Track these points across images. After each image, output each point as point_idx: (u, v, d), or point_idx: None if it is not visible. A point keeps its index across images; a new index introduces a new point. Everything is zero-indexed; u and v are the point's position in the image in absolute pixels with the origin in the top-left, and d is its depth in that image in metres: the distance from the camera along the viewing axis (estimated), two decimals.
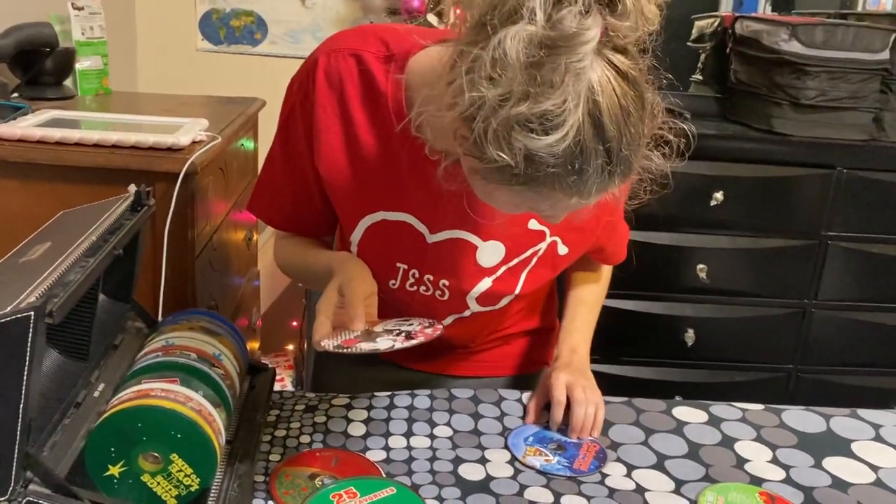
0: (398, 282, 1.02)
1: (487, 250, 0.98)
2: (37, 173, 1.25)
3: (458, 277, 0.99)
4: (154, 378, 0.81)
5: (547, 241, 0.99)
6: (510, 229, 0.97)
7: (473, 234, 0.97)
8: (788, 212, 2.01)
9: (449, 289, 1.01)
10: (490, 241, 0.97)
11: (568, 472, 0.91)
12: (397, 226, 0.98)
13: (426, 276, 1.00)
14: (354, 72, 0.92)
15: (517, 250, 0.98)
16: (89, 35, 1.74)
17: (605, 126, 0.69)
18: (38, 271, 0.74)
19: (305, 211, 1.04)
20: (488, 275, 0.99)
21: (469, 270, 0.99)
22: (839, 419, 1.04)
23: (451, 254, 0.98)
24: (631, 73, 0.71)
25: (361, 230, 0.99)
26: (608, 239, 1.09)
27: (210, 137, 1.35)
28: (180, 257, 1.30)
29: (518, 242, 0.98)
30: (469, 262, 0.98)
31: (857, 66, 1.92)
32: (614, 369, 2.12)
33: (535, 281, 1.02)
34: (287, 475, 0.88)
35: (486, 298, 1.02)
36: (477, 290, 1.00)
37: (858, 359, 2.14)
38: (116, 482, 0.76)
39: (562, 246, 1.00)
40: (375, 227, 0.99)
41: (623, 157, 0.71)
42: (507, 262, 0.99)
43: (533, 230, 0.97)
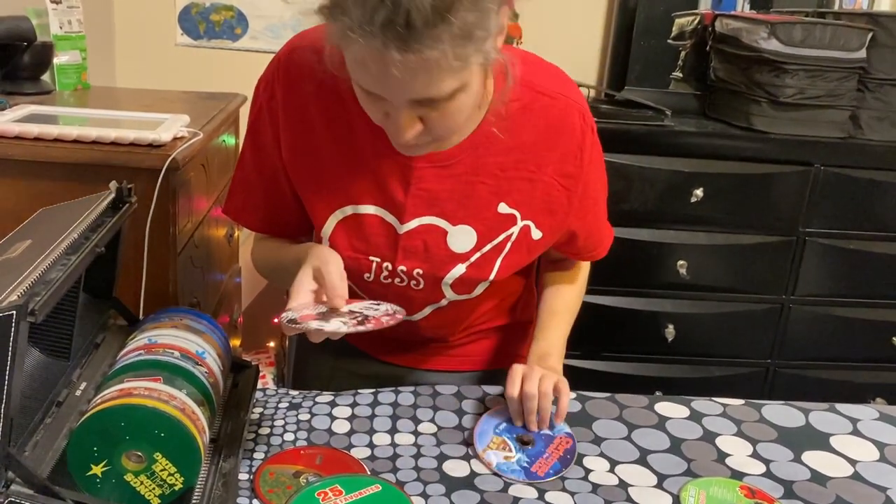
0: (372, 275, 1.02)
1: (458, 235, 0.98)
2: (15, 169, 1.23)
3: (432, 264, 0.99)
4: (137, 376, 0.80)
5: (519, 224, 0.99)
6: (480, 213, 0.97)
7: (442, 219, 0.97)
8: (767, 208, 2.03)
9: (424, 278, 1.01)
10: (459, 225, 0.97)
11: (522, 476, 0.90)
12: (367, 219, 0.98)
13: (399, 267, 1.00)
14: (316, 67, 0.91)
15: (489, 235, 0.98)
16: (67, 29, 1.71)
17: None
18: (18, 269, 0.73)
19: (279, 211, 1.04)
20: (462, 261, 0.99)
21: (442, 257, 0.99)
22: (818, 413, 1.06)
23: (423, 241, 0.98)
24: None
25: (332, 226, 0.99)
26: (581, 226, 1.06)
27: (191, 133, 1.34)
28: (162, 254, 1.29)
29: (489, 227, 0.98)
30: (441, 249, 0.98)
31: (834, 64, 1.95)
32: (595, 364, 2.13)
33: (510, 267, 1.01)
34: (271, 473, 0.88)
35: (460, 285, 1.01)
36: (451, 276, 1.00)
37: (835, 354, 2.17)
38: (99, 482, 0.75)
39: (535, 230, 1.00)
40: (346, 222, 0.99)
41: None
42: (480, 248, 0.99)
43: (503, 213, 0.97)
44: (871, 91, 2.01)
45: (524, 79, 0.92)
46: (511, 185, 0.96)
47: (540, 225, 1.00)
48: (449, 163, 0.94)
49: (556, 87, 0.96)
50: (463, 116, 0.84)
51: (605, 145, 1.03)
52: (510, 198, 0.97)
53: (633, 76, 2.32)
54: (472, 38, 0.73)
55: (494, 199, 0.97)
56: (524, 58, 0.96)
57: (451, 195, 0.96)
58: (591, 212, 1.06)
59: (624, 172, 1.95)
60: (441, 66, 0.74)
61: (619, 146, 1.94)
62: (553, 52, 2.33)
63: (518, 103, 0.93)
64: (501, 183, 0.96)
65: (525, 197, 0.97)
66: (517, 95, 0.92)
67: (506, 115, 0.93)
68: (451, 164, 0.95)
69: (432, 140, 0.86)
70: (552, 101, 0.95)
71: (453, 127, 0.85)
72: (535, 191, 0.97)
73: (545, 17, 2.32)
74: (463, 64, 0.75)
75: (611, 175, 1.09)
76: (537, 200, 0.98)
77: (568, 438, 0.96)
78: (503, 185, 0.96)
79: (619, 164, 1.94)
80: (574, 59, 2.39)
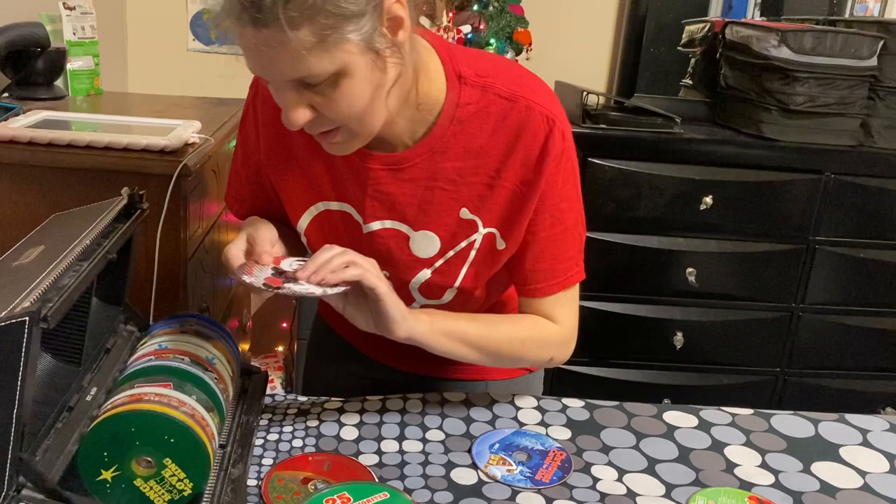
0: None
1: (420, 241, 0.97)
2: (28, 175, 1.24)
3: (397, 268, 0.99)
4: (147, 382, 0.81)
5: (481, 231, 0.96)
6: (441, 219, 0.96)
7: (404, 224, 0.97)
8: (777, 216, 2.03)
9: (391, 279, 0.99)
10: (421, 230, 0.96)
11: (529, 483, 0.90)
12: (338, 216, 0.99)
13: None
14: None
15: (452, 242, 0.97)
16: (81, 35, 1.73)
17: None
18: (31, 275, 0.74)
19: (262, 204, 1.05)
20: (426, 266, 0.98)
21: (405, 261, 0.98)
22: (827, 424, 1.05)
23: (387, 244, 0.98)
24: None
25: (306, 222, 1.00)
26: (530, 246, 0.97)
27: (203, 139, 1.35)
28: (172, 259, 1.30)
29: (452, 233, 0.96)
30: (404, 253, 0.98)
31: (845, 72, 1.94)
32: (603, 372, 2.13)
33: (477, 276, 0.99)
34: (280, 479, 0.88)
35: (427, 290, 1.00)
36: (417, 280, 0.99)
37: (845, 363, 2.16)
38: (109, 487, 0.76)
39: (500, 240, 0.97)
40: (320, 217, 1.00)
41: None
42: (443, 254, 0.97)
43: (465, 219, 0.95)
44: (881, 99, 2.01)
45: (482, 81, 0.91)
46: (471, 191, 0.94)
47: (504, 235, 0.96)
48: (403, 166, 0.93)
49: (519, 91, 0.91)
50: (356, 106, 0.81)
51: (615, 152, 0.99)
52: (470, 204, 0.94)
53: (642, 83, 2.32)
54: (326, 16, 0.73)
55: (455, 205, 0.95)
56: (487, 60, 0.95)
57: (411, 200, 0.95)
58: (549, 231, 0.96)
59: (633, 179, 1.95)
60: (297, 43, 0.73)
61: (629, 153, 1.94)
62: (563, 59, 2.35)
63: (474, 106, 0.91)
64: (460, 188, 0.94)
65: (486, 203, 0.94)
66: (474, 98, 0.91)
67: (461, 118, 0.91)
68: (406, 168, 0.93)
69: (341, 135, 0.85)
70: (511, 104, 0.91)
71: (348, 115, 0.82)
72: (496, 197, 0.94)
73: (555, 24, 2.32)
74: (322, 44, 0.74)
75: (620, 182, 1.08)
76: (499, 208, 0.94)
77: (561, 451, 0.96)
78: (462, 191, 0.94)
79: (628, 172, 1.94)
80: (584, 65, 2.40)
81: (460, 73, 0.91)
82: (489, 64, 0.94)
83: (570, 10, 2.35)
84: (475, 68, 0.92)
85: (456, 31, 2.11)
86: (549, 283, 0.98)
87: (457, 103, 0.91)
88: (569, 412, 1.05)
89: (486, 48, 2.11)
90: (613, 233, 2.02)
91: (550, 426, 1.02)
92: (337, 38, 0.75)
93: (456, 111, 0.91)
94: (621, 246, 2.04)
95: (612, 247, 2.03)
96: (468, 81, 0.91)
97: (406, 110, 0.90)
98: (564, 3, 2.35)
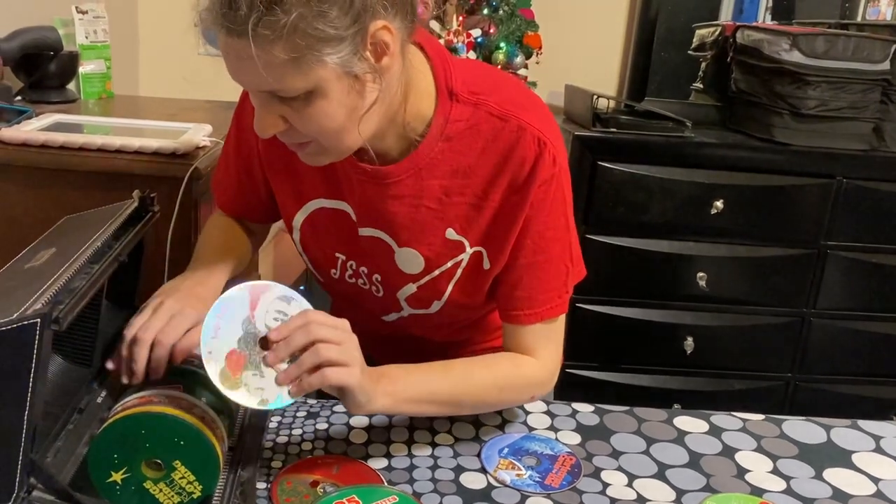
0: (338, 272, 1.02)
1: (404, 257, 0.95)
2: (40, 177, 1.25)
3: (385, 277, 0.99)
4: (157, 384, 0.81)
5: (468, 251, 0.94)
6: (426, 238, 0.94)
7: (390, 237, 0.95)
8: (788, 221, 2.02)
9: (381, 285, 1.00)
10: (405, 247, 0.95)
11: (539, 488, 0.90)
12: (334, 213, 0.98)
13: (361, 268, 1.00)
14: None
15: (437, 261, 0.95)
16: (93, 39, 1.74)
17: None
18: (43, 277, 0.74)
19: (248, 194, 1.05)
20: (411, 281, 0.97)
21: (392, 272, 0.97)
22: (839, 430, 1.04)
23: (375, 252, 0.97)
24: None
25: (302, 218, 1.00)
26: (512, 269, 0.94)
27: (213, 143, 1.35)
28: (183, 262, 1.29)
29: (436, 252, 0.94)
30: (390, 265, 0.97)
31: (857, 76, 1.93)
32: (613, 376, 2.12)
33: (464, 292, 0.97)
34: (289, 482, 0.88)
35: (414, 301, 0.99)
36: (403, 292, 0.98)
37: (857, 368, 2.15)
38: (119, 489, 0.76)
39: (486, 260, 0.94)
40: (315, 215, 0.99)
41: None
42: (429, 272, 0.96)
43: (451, 240, 0.93)
44: (894, 103, 2.00)
45: (475, 98, 0.88)
46: (457, 211, 0.91)
47: (490, 256, 0.94)
48: (389, 181, 0.91)
49: (513, 110, 0.88)
50: (328, 125, 0.79)
51: (626, 156, 0.96)
52: (457, 224, 0.92)
53: (653, 87, 2.31)
54: (302, 36, 0.71)
55: (440, 225, 0.92)
56: (485, 76, 0.93)
57: (395, 217, 0.93)
58: (530, 259, 0.92)
59: (644, 184, 1.95)
60: (269, 58, 0.72)
61: (639, 157, 1.94)
62: (573, 62, 2.35)
63: (464, 123, 0.88)
64: (447, 208, 0.91)
65: (472, 224, 0.92)
66: (464, 115, 0.88)
67: (450, 134, 0.89)
68: (392, 184, 0.91)
69: (312, 148, 0.84)
70: (503, 122, 0.88)
71: (319, 133, 0.81)
72: (483, 218, 0.91)
73: (565, 28, 2.32)
74: (296, 62, 0.73)
75: (631, 186, 1.07)
76: (485, 228, 0.92)
77: (570, 456, 0.96)
78: (448, 211, 0.92)
79: (638, 176, 1.94)
80: (594, 69, 2.39)
81: (452, 89, 0.88)
82: (486, 81, 0.91)
83: (581, 13, 2.35)
84: (470, 85, 0.89)
85: (466, 34, 2.11)
86: (527, 311, 0.94)
87: (446, 119, 0.88)
88: (578, 417, 1.05)
89: (496, 52, 2.11)
90: (623, 237, 2.02)
91: (560, 431, 1.02)
92: (312, 58, 0.73)
93: (445, 127, 0.88)
94: (631, 250, 2.03)
95: (622, 251, 2.03)
96: (460, 98, 0.88)
97: (393, 127, 0.88)
98: (575, 7, 2.35)
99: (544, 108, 0.93)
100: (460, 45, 2.10)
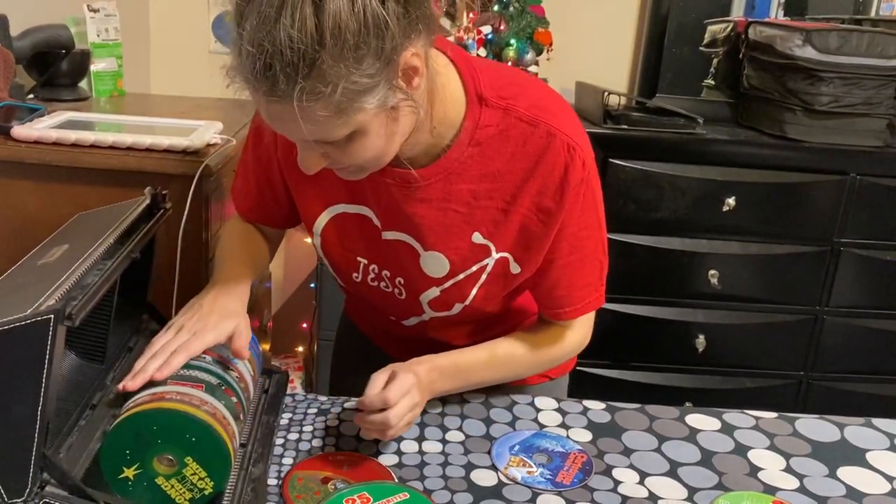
0: (360, 275, 1.02)
1: (430, 260, 0.95)
2: (52, 175, 1.26)
3: (409, 280, 0.99)
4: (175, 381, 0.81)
5: (494, 256, 0.94)
6: (454, 242, 0.94)
7: (416, 241, 0.95)
8: (801, 218, 2.01)
9: (404, 288, 1.00)
10: (431, 251, 0.95)
11: (550, 486, 0.90)
12: (356, 218, 0.98)
13: (384, 271, 1.00)
14: None
15: (462, 265, 0.95)
16: (104, 37, 1.75)
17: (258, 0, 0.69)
18: (56, 274, 0.75)
19: (268, 201, 1.05)
20: (436, 284, 0.97)
21: (416, 276, 0.97)
22: (853, 428, 1.04)
23: (400, 255, 0.97)
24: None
25: (323, 222, 1.00)
26: (549, 272, 0.96)
27: (224, 140, 1.35)
28: (194, 259, 1.30)
29: (462, 256, 0.94)
30: (414, 268, 0.97)
31: (871, 72, 1.92)
32: (624, 374, 2.12)
33: (488, 296, 0.98)
34: (300, 479, 0.88)
35: (437, 304, 1.00)
36: (426, 296, 0.99)
37: (870, 366, 2.13)
38: (131, 484, 0.76)
39: (514, 264, 0.95)
40: (336, 220, 0.99)
41: (263, 47, 0.69)
42: (453, 276, 0.96)
43: (477, 244, 0.94)
44: None
45: (504, 103, 0.88)
46: (485, 215, 0.92)
47: (519, 260, 0.95)
48: (417, 186, 0.91)
49: (541, 115, 0.88)
50: (370, 154, 0.80)
51: (637, 153, 0.96)
52: (484, 228, 0.93)
53: (664, 83, 2.30)
54: (340, 92, 0.71)
55: (467, 228, 0.93)
56: (511, 78, 0.92)
57: (423, 220, 0.93)
58: (566, 259, 0.95)
59: (655, 180, 1.94)
60: (312, 115, 0.72)
61: (651, 154, 1.93)
62: (584, 59, 2.34)
63: (494, 128, 0.88)
64: (475, 211, 0.92)
65: (500, 228, 0.92)
66: (494, 120, 0.88)
67: (479, 140, 0.89)
68: (421, 188, 0.91)
69: (352, 169, 0.84)
70: (532, 128, 0.88)
71: (361, 163, 0.82)
72: (511, 223, 0.92)
73: (576, 24, 2.31)
74: (336, 115, 0.73)
75: (642, 183, 1.06)
76: (514, 233, 0.92)
77: (581, 454, 0.95)
78: (476, 214, 0.92)
79: (650, 173, 1.93)
80: (605, 66, 2.38)
81: (482, 94, 0.88)
82: (513, 84, 0.92)
83: (592, 10, 2.34)
84: (498, 89, 0.89)
85: (476, 31, 2.10)
86: (568, 308, 0.99)
87: (476, 125, 0.88)
88: (590, 414, 1.05)
89: (506, 49, 2.10)
90: (635, 234, 2.01)
91: (571, 428, 1.02)
92: (352, 110, 0.74)
93: (475, 133, 0.89)
94: (643, 247, 2.02)
95: (634, 248, 2.02)
96: (490, 103, 0.88)
97: (421, 134, 0.87)
98: (585, 4, 2.34)
99: (570, 110, 0.94)
100: (471, 41, 2.09)
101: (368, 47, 0.70)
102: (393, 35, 0.72)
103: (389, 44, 0.72)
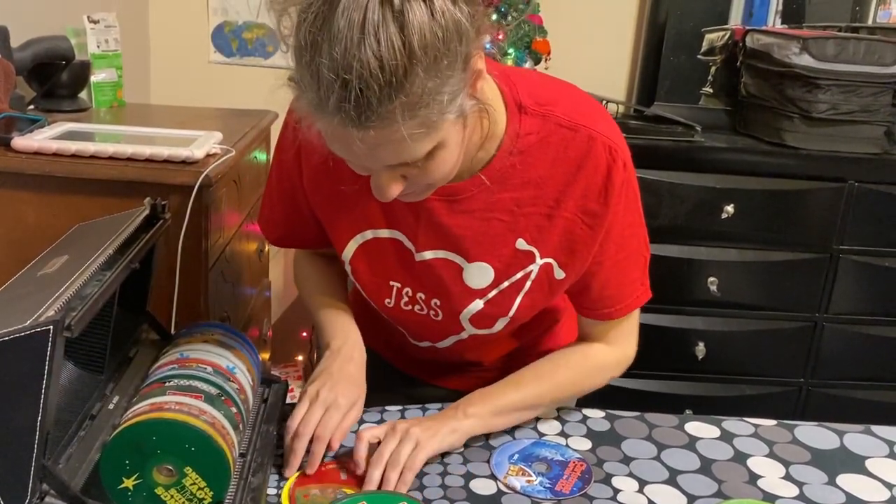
0: (393, 300, 1.01)
1: (474, 272, 0.95)
2: (52, 185, 1.26)
3: (448, 298, 0.98)
4: (174, 391, 0.81)
5: (538, 262, 0.94)
6: (497, 250, 0.94)
7: (458, 255, 0.95)
8: (799, 225, 2.01)
9: (441, 309, 0.99)
10: (476, 262, 0.95)
11: (549, 495, 0.89)
12: (387, 243, 0.97)
13: (419, 294, 0.99)
14: None
15: (507, 272, 0.95)
16: (104, 48, 1.75)
17: (333, 26, 0.66)
18: (55, 284, 0.75)
19: (297, 228, 1.05)
20: (479, 296, 0.97)
21: (458, 291, 0.97)
22: (853, 436, 1.04)
23: (439, 274, 0.96)
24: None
25: (352, 250, 0.99)
26: (598, 273, 0.97)
27: (224, 150, 1.36)
28: (194, 269, 1.31)
29: (506, 264, 0.94)
30: (457, 283, 0.96)
31: (868, 79, 1.92)
32: (623, 382, 2.10)
33: (530, 306, 0.98)
34: (300, 488, 0.88)
35: (479, 320, 0.99)
36: (468, 311, 0.98)
37: (870, 373, 2.13)
38: (131, 495, 0.76)
39: (558, 270, 0.95)
40: (366, 247, 0.98)
41: (351, 71, 0.66)
42: (497, 285, 0.96)
43: (521, 250, 0.94)
44: None
45: (543, 109, 0.89)
46: (528, 221, 0.92)
47: (563, 265, 0.95)
48: (460, 197, 0.91)
49: (580, 119, 0.89)
50: (447, 168, 0.79)
51: (635, 161, 0.96)
52: (528, 234, 0.93)
53: (662, 92, 2.31)
54: (432, 104, 0.70)
55: (511, 236, 0.93)
56: (546, 85, 0.93)
57: (466, 231, 0.93)
58: (614, 259, 0.96)
59: (654, 188, 1.94)
60: (404, 137, 0.70)
61: (649, 162, 1.93)
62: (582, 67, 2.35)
63: (535, 136, 0.89)
64: (518, 219, 0.92)
65: (544, 234, 0.92)
66: (534, 128, 0.89)
67: (521, 148, 0.89)
68: (464, 200, 0.92)
69: (421, 192, 0.84)
70: (572, 133, 0.89)
71: (437, 180, 0.81)
72: (555, 228, 0.92)
73: (574, 32, 2.32)
74: (427, 130, 0.72)
75: (641, 190, 1.05)
76: (557, 238, 0.93)
77: (581, 462, 0.95)
78: (520, 222, 0.92)
79: (648, 180, 1.93)
80: (603, 74, 2.39)
81: (521, 103, 0.89)
82: (549, 90, 0.92)
83: (589, 19, 2.35)
84: (535, 96, 0.89)
85: None
86: (616, 307, 1.00)
87: (517, 134, 0.89)
88: (589, 423, 1.05)
89: (504, 58, 2.11)
90: None
91: (570, 437, 1.02)
92: (440, 122, 0.73)
93: (516, 142, 0.89)
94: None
95: None
96: (529, 111, 0.88)
97: (471, 145, 0.86)
98: (583, 12, 2.35)
99: (605, 112, 0.94)
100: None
101: (453, 53, 0.69)
102: (471, 38, 0.71)
103: (467, 48, 0.71)
